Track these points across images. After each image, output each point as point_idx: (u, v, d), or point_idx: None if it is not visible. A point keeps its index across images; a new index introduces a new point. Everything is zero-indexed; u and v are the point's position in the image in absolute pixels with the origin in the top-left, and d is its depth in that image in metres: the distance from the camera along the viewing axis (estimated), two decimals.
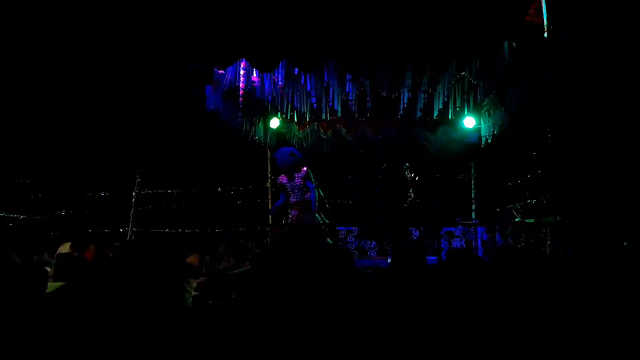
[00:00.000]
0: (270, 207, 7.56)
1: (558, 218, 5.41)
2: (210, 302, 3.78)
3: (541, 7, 5.22)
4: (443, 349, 1.84)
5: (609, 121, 5.54)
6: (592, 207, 5.48)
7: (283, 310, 1.70)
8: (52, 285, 2.63)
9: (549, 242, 6.03)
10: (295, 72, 6.65)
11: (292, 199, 6.57)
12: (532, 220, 6.75)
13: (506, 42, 5.56)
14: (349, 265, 1.86)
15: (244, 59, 5.92)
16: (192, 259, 9.24)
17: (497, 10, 5.36)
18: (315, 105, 7.73)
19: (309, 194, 6.47)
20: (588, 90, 5.33)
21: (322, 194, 6.98)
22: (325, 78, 6.90)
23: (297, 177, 6.47)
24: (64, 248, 9.49)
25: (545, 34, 5.26)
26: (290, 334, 1.66)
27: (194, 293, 5.02)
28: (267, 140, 8.59)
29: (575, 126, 5.38)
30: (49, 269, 9.41)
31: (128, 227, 9.33)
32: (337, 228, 8.09)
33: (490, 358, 1.81)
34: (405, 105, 8.10)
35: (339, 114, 8.23)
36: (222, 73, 6.19)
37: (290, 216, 6.63)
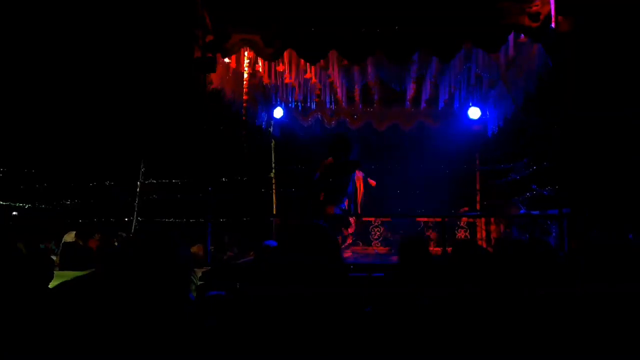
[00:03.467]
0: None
1: (567, 209, 5.39)
2: (214, 292, 3.79)
3: None
4: None
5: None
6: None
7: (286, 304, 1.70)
8: (72, 274, 2.64)
9: (553, 234, 6.01)
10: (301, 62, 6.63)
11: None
12: (537, 212, 6.74)
13: (513, 32, 5.50)
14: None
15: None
16: (196, 249, 9.29)
17: (503, 1, 5.30)
18: (319, 95, 7.71)
19: None
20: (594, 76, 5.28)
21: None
22: (330, 68, 6.88)
23: None
24: (69, 237, 9.56)
25: (553, 24, 5.20)
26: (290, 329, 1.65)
27: (198, 283, 5.05)
28: (271, 130, 8.57)
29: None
30: (54, 258, 9.50)
31: (133, 217, 9.38)
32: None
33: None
34: (411, 96, 8.10)
35: (344, 105, 8.23)
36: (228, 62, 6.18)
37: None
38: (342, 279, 1.84)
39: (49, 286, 2.89)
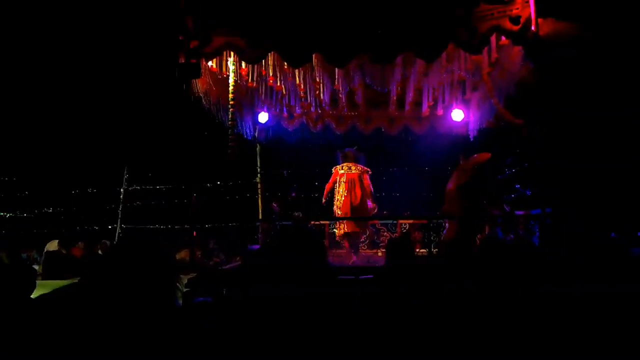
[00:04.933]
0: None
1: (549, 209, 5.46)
2: (201, 298, 3.75)
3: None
4: None
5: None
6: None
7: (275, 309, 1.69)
8: (55, 284, 2.60)
9: (537, 233, 6.08)
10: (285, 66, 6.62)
11: None
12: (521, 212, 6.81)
13: (495, 34, 5.57)
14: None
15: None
16: (183, 255, 9.21)
17: (484, 3, 5.37)
18: (304, 99, 7.71)
19: None
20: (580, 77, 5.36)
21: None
22: (314, 72, 6.88)
23: None
24: (52, 245, 9.41)
25: (533, 27, 5.28)
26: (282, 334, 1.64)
27: (184, 289, 5.00)
28: (256, 135, 8.55)
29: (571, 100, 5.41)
30: (36, 267, 9.34)
31: (117, 224, 9.27)
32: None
33: None
34: (395, 100, 8.14)
35: (329, 108, 8.24)
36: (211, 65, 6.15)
37: None
38: (330, 280, 1.83)
39: (31, 296, 2.84)
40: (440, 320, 1.97)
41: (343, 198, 7.50)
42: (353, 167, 7.62)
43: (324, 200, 7.78)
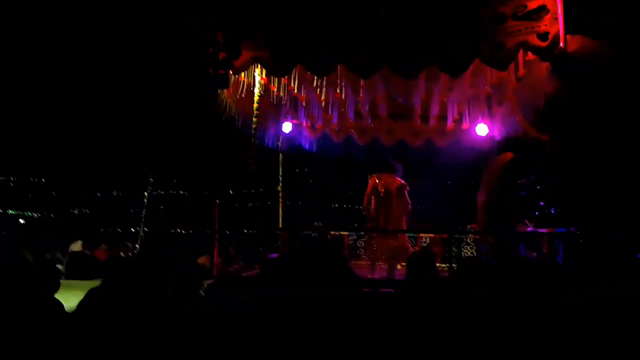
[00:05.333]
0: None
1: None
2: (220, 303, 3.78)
3: (557, 16, 5.19)
4: None
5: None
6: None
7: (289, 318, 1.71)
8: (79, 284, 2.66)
9: (560, 252, 5.97)
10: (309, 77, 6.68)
11: None
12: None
13: (521, 50, 5.53)
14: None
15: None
16: (203, 260, 9.29)
17: (512, 20, 5.33)
18: (326, 110, 7.75)
19: None
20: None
21: None
22: (338, 82, 6.92)
23: None
24: (76, 246, 9.61)
25: (562, 44, 5.22)
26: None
27: (204, 295, 5.05)
28: (279, 144, 8.61)
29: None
30: (60, 267, 9.52)
31: (140, 227, 9.41)
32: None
33: None
34: (419, 113, 8.12)
35: (352, 120, 8.26)
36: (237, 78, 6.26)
37: None
38: (354, 287, 1.87)
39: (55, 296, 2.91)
40: (434, 322, 2.01)
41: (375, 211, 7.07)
42: (390, 180, 7.14)
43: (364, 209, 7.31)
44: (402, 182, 7.22)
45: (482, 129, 8.19)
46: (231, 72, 5.69)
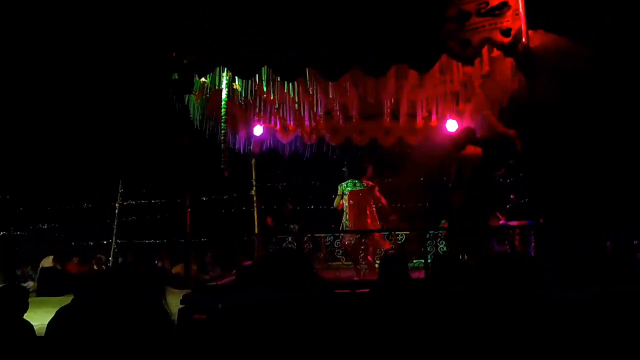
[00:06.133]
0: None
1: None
2: (195, 315, 3.74)
3: (518, 12, 5.30)
4: None
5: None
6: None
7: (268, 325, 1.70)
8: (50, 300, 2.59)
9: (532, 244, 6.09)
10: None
11: None
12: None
13: (486, 46, 5.62)
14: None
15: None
16: (178, 269, 9.14)
17: (476, 16, 5.42)
18: (298, 112, 7.74)
19: None
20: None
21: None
22: (308, 84, 6.91)
23: None
24: (47, 262, 9.38)
25: (524, 39, 5.33)
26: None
27: (180, 306, 4.98)
28: (251, 148, 8.55)
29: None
30: (32, 283, 9.25)
31: (112, 239, 9.22)
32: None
33: None
34: (389, 111, 8.18)
35: (323, 121, 8.27)
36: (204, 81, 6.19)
37: None
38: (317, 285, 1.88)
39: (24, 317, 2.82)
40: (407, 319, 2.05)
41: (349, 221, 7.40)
42: (358, 184, 7.48)
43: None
44: (370, 183, 7.56)
45: (452, 125, 8.29)
46: (196, 76, 5.63)
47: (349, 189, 7.53)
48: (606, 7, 6.05)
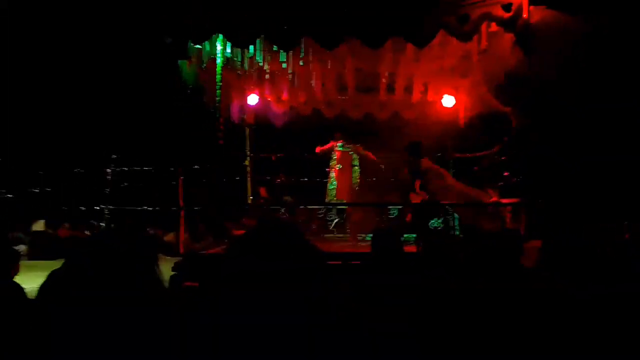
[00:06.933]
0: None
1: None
2: (187, 283, 3.77)
3: None
4: None
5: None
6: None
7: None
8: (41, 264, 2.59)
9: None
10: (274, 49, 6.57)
11: None
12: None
13: (485, 21, 5.56)
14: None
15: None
16: (171, 237, 9.17)
17: None
18: (293, 83, 7.68)
19: None
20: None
21: None
22: (304, 55, 6.83)
23: None
24: (38, 226, 9.36)
25: (525, 14, 5.27)
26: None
27: (171, 273, 5.01)
28: (245, 118, 8.49)
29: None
30: (24, 247, 9.28)
31: (104, 205, 9.18)
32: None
33: None
34: (385, 85, 8.12)
35: (319, 92, 8.20)
36: (199, 48, 6.09)
37: None
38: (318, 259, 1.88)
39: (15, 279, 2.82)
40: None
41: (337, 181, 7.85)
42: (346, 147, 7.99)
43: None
44: (356, 145, 8.10)
45: (448, 101, 8.25)
46: (192, 42, 5.54)
47: (339, 149, 7.97)
48: None
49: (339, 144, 8.04)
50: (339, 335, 1.54)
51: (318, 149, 8.22)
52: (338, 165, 7.95)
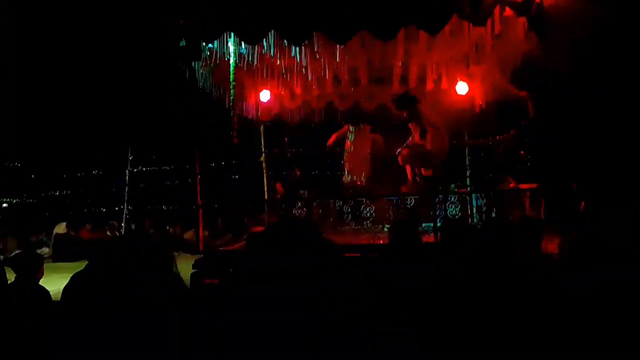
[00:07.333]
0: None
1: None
2: (207, 280, 3.81)
3: None
4: None
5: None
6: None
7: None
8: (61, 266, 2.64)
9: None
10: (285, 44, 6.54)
11: None
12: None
13: (498, 5, 5.47)
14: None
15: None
16: (190, 234, 9.26)
17: None
18: (305, 78, 7.64)
19: None
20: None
21: None
22: (316, 48, 6.79)
23: None
24: (60, 228, 9.55)
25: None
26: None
27: (192, 270, 5.07)
28: (259, 115, 8.50)
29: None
30: (47, 250, 9.45)
31: (123, 206, 9.32)
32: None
33: None
34: (399, 76, 8.05)
35: (331, 86, 8.17)
36: (211, 47, 6.10)
37: None
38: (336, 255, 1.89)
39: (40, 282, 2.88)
40: None
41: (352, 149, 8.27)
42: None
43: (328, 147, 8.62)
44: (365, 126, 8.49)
45: (462, 88, 8.15)
46: (203, 42, 5.56)
47: (353, 131, 8.46)
48: None
49: (352, 127, 8.50)
50: (339, 335, 1.54)
51: (334, 135, 8.56)
52: (351, 138, 8.44)
